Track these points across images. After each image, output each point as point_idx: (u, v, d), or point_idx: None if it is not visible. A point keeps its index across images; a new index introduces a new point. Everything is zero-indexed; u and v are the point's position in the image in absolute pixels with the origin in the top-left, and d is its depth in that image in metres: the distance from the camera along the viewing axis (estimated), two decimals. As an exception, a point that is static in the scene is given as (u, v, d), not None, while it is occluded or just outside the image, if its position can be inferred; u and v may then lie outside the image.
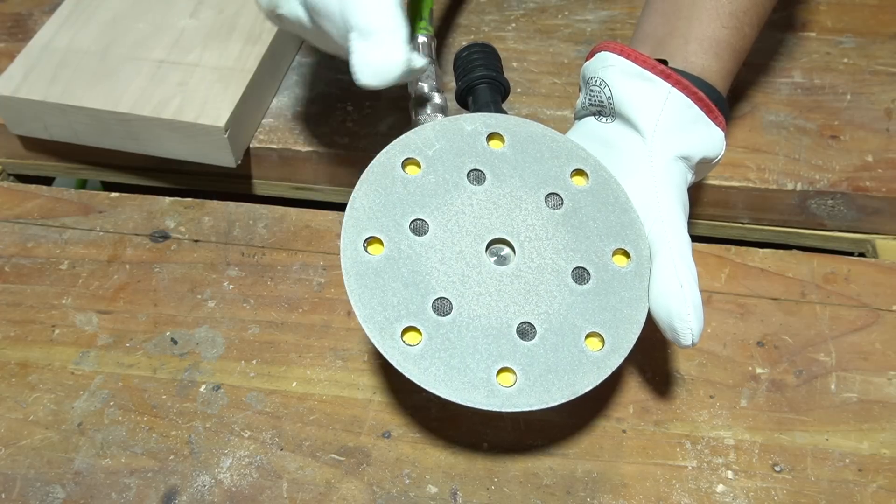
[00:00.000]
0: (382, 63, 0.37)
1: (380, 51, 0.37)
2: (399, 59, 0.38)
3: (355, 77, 0.38)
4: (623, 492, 0.43)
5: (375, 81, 0.38)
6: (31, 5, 0.69)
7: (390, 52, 0.37)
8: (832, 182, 0.56)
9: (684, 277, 0.38)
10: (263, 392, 0.46)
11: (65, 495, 0.42)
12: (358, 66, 0.38)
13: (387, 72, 0.38)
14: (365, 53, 0.38)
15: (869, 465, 0.44)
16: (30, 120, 0.57)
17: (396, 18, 0.38)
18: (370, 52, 0.37)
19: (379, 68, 0.38)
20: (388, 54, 0.37)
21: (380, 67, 0.38)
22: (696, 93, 0.43)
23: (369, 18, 0.37)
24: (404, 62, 0.38)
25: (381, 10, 0.37)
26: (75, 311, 0.50)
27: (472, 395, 0.36)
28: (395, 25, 0.37)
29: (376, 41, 0.37)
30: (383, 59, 0.37)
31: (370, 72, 0.38)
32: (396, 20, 0.38)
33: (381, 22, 0.37)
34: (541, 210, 0.41)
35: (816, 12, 0.68)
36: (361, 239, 0.38)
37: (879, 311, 0.50)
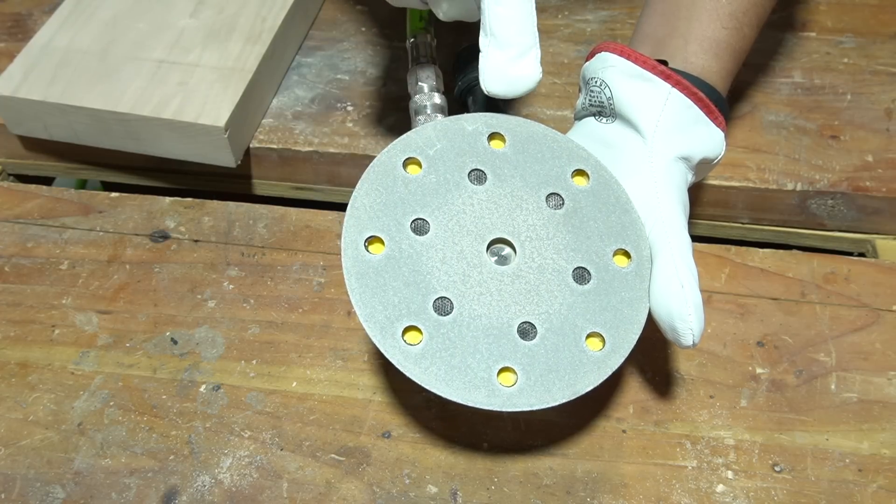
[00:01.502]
0: (518, 76, 0.39)
1: (518, 64, 0.39)
2: (534, 75, 0.39)
3: (485, 83, 0.40)
4: (623, 492, 0.43)
5: (506, 91, 0.40)
6: (31, 5, 0.69)
7: (527, 68, 0.39)
8: (832, 182, 0.56)
9: (685, 278, 0.38)
10: (263, 392, 0.46)
11: (65, 495, 0.42)
12: (492, 74, 0.40)
13: (520, 84, 0.39)
14: (501, 64, 0.39)
15: (869, 465, 0.44)
16: (30, 120, 0.57)
17: (534, 35, 0.39)
18: (507, 65, 0.39)
19: (513, 81, 0.39)
20: (525, 69, 0.39)
21: (514, 80, 0.39)
22: (697, 93, 0.43)
23: (510, 32, 0.39)
24: (537, 79, 0.40)
25: (523, 27, 0.39)
26: (75, 311, 0.50)
27: (472, 394, 0.36)
28: (533, 41, 0.39)
29: (514, 54, 0.39)
30: (519, 73, 0.39)
31: (504, 82, 0.39)
32: (535, 37, 0.39)
33: (523, 38, 0.39)
34: (542, 210, 0.41)
35: (816, 12, 0.68)
36: (362, 238, 0.38)
37: (879, 311, 0.50)
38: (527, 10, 0.39)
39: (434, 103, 0.48)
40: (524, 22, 0.39)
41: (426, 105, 0.47)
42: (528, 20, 0.39)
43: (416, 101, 0.48)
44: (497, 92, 0.40)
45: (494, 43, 0.39)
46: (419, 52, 0.50)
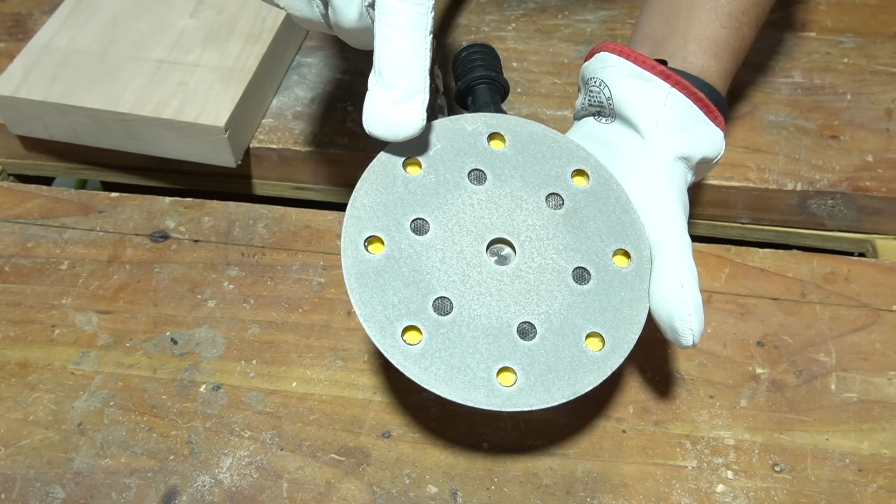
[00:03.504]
0: (399, 121, 0.38)
1: (400, 108, 0.38)
2: (416, 122, 0.38)
3: (366, 123, 0.38)
4: (623, 492, 0.43)
5: (386, 134, 0.38)
6: (31, 5, 0.69)
7: (410, 113, 0.38)
8: (832, 182, 0.56)
9: (685, 278, 0.38)
10: (263, 392, 0.46)
11: (65, 495, 0.42)
12: (373, 114, 0.38)
13: (400, 129, 0.38)
14: (385, 105, 0.38)
15: (869, 465, 0.44)
16: (30, 120, 0.57)
17: (424, 81, 0.38)
18: (390, 107, 0.38)
19: (394, 124, 0.38)
20: (408, 114, 0.38)
21: (395, 124, 0.38)
22: (696, 93, 0.43)
23: (398, 73, 0.37)
24: (419, 127, 0.38)
25: (412, 70, 0.37)
26: (75, 311, 0.50)
27: (472, 394, 0.36)
28: (421, 87, 0.38)
29: (398, 98, 0.38)
30: (402, 117, 0.38)
31: (385, 125, 0.38)
32: (423, 84, 0.38)
33: (410, 82, 0.37)
34: (541, 210, 0.41)
35: (816, 12, 0.68)
36: (362, 238, 0.38)
37: (879, 311, 0.50)
38: (418, 52, 0.37)
39: (435, 103, 0.47)
40: (413, 65, 0.37)
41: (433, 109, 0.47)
42: (419, 63, 0.37)
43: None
44: (377, 134, 0.38)
45: (381, 83, 0.38)
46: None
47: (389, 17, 0.37)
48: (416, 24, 0.37)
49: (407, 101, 0.38)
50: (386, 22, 0.37)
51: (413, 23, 0.37)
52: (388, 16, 0.37)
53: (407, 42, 0.37)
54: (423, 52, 0.38)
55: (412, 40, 0.37)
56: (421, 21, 0.37)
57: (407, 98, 0.37)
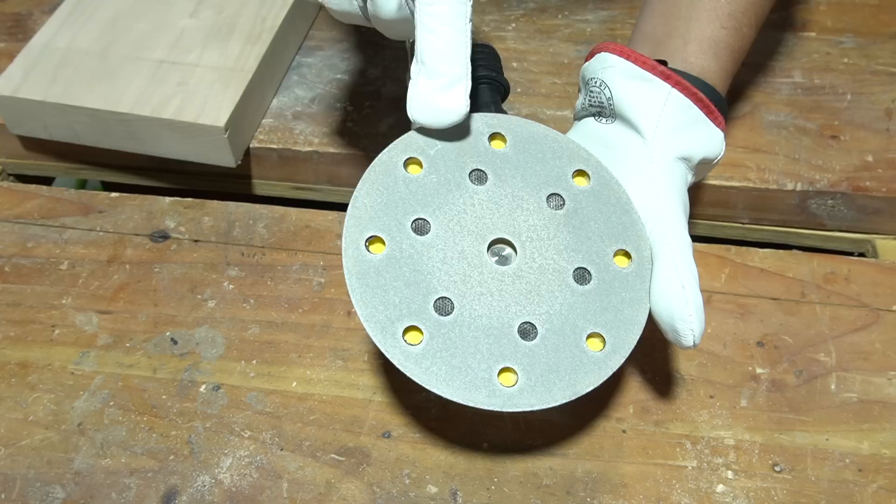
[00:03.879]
0: (444, 108, 0.39)
1: (444, 95, 0.38)
2: (460, 109, 0.39)
3: (411, 111, 0.39)
4: (623, 492, 0.43)
5: (430, 121, 0.39)
6: (31, 5, 0.69)
7: (454, 100, 0.39)
8: (832, 182, 0.56)
9: (685, 278, 0.38)
10: (263, 392, 0.46)
11: (65, 495, 0.42)
12: (417, 102, 0.39)
13: (445, 116, 0.39)
14: (428, 93, 0.38)
15: (869, 465, 0.44)
16: (30, 120, 0.57)
17: (466, 68, 0.38)
18: (434, 94, 0.38)
19: (438, 111, 0.39)
20: (452, 101, 0.39)
21: (439, 111, 0.39)
22: (696, 93, 0.43)
23: (441, 61, 0.38)
24: (463, 113, 0.39)
25: (454, 58, 0.38)
26: (75, 311, 0.50)
27: (473, 394, 0.36)
28: (463, 74, 0.38)
29: (442, 85, 0.38)
30: (446, 105, 0.38)
31: (429, 112, 0.39)
32: (466, 70, 0.38)
33: (452, 69, 0.38)
34: (542, 210, 0.41)
35: (816, 12, 0.68)
36: (363, 238, 0.38)
37: (879, 311, 0.50)
38: (460, 41, 0.38)
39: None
40: (456, 53, 0.38)
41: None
42: (460, 51, 0.38)
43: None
44: (421, 121, 0.39)
45: (424, 71, 0.38)
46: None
47: (431, 7, 0.38)
48: (457, 12, 0.38)
49: (451, 89, 0.38)
50: (427, 12, 0.38)
51: (454, 11, 0.38)
52: (429, 5, 0.38)
53: (448, 30, 0.38)
54: (465, 39, 0.38)
55: (453, 28, 0.38)
56: (461, 9, 0.38)
57: (451, 85, 0.38)
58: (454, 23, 0.38)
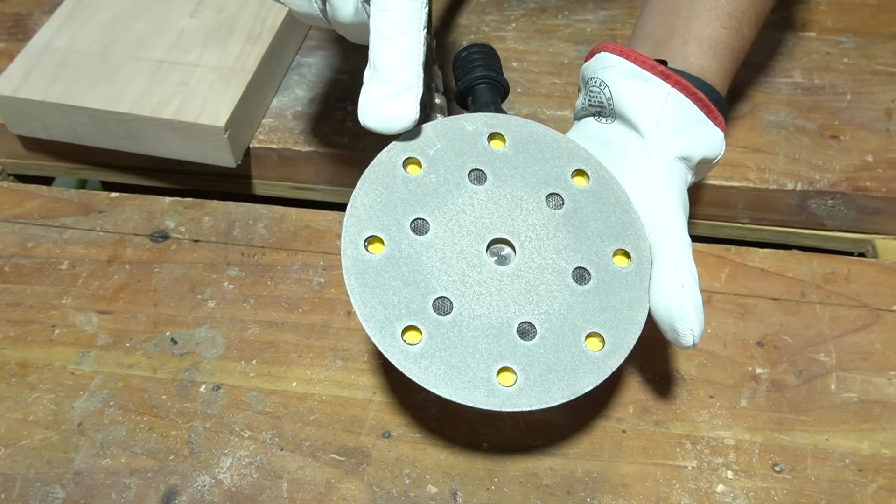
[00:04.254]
0: (393, 114, 0.39)
1: (394, 102, 0.39)
2: (409, 116, 0.39)
3: (361, 116, 0.39)
4: (623, 492, 0.43)
5: (380, 127, 0.39)
6: (31, 5, 0.69)
7: (403, 107, 0.39)
8: (832, 182, 0.56)
9: (685, 278, 0.38)
10: (263, 392, 0.46)
11: (65, 495, 0.42)
12: (368, 107, 0.39)
13: (394, 123, 0.39)
14: (379, 99, 0.39)
15: (869, 465, 0.44)
16: (30, 120, 0.57)
17: (417, 76, 0.39)
18: (384, 101, 0.39)
19: (388, 118, 0.39)
20: (401, 108, 0.39)
21: (388, 117, 0.39)
22: (696, 93, 0.43)
23: (392, 68, 0.38)
24: (413, 120, 0.39)
25: (406, 65, 0.38)
26: (75, 311, 0.50)
27: (472, 394, 0.36)
28: (414, 81, 0.39)
29: (392, 91, 0.38)
30: (395, 111, 0.39)
31: (379, 118, 0.39)
32: (417, 78, 0.39)
33: (403, 76, 0.38)
34: (542, 210, 0.41)
35: (816, 12, 0.68)
36: (362, 238, 0.38)
37: (879, 311, 0.50)
38: (412, 47, 0.38)
39: (434, 103, 0.47)
40: (407, 60, 0.38)
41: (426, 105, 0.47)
42: (412, 58, 0.38)
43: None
44: (371, 126, 0.39)
45: (375, 77, 0.39)
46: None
47: (384, 13, 0.38)
48: (410, 19, 0.38)
49: (401, 95, 0.38)
50: (381, 17, 0.38)
51: (407, 18, 0.38)
52: (382, 11, 0.38)
53: (401, 37, 0.38)
54: (417, 47, 0.38)
55: (406, 35, 0.38)
56: (415, 17, 0.38)
57: (401, 92, 0.38)
58: (407, 29, 0.38)
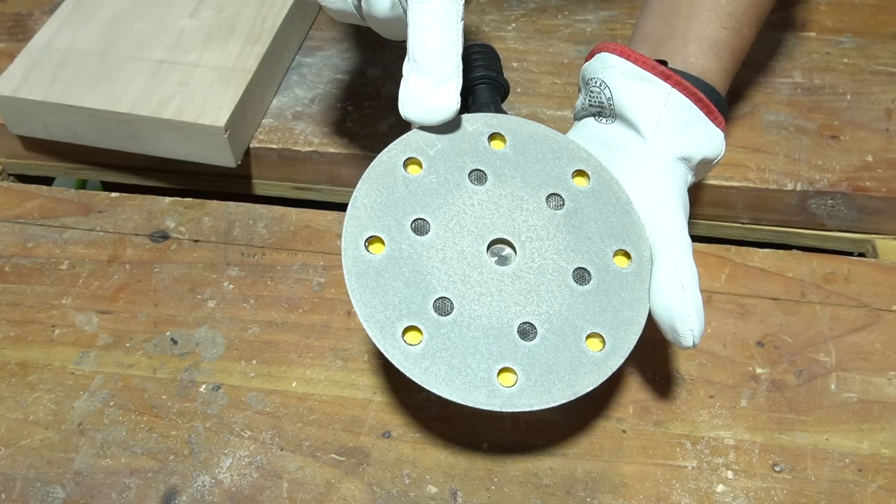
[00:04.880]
0: (435, 105, 0.39)
1: (435, 93, 0.39)
2: (450, 106, 0.39)
3: (402, 108, 0.40)
4: (623, 492, 0.43)
5: (422, 118, 0.40)
6: (31, 5, 0.69)
7: (444, 97, 0.39)
8: (832, 182, 0.56)
9: (685, 279, 0.38)
10: (263, 392, 0.46)
11: (65, 495, 0.42)
12: (409, 99, 0.40)
13: (436, 114, 0.40)
14: (420, 91, 0.39)
15: (869, 465, 0.44)
16: (30, 120, 0.57)
17: (457, 66, 0.39)
18: (425, 92, 0.39)
19: (429, 109, 0.39)
20: (442, 99, 0.39)
21: (430, 108, 0.39)
22: (696, 93, 0.43)
23: (432, 60, 0.39)
24: (454, 110, 0.40)
25: (446, 56, 0.39)
26: (75, 311, 0.50)
27: (472, 394, 0.36)
28: (454, 72, 0.39)
29: (433, 83, 0.39)
30: (437, 102, 0.39)
31: (421, 109, 0.40)
32: (457, 68, 0.39)
33: (443, 67, 0.39)
34: (542, 210, 0.41)
35: (816, 12, 0.68)
36: (363, 238, 0.38)
37: (879, 311, 0.50)
38: (451, 39, 0.39)
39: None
40: (447, 51, 0.39)
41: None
42: (452, 49, 0.39)
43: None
44: (413, 118, 0.40)
45: (415, 69, 0.39)
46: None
47: (422, 6, 0.38)
48: (448, 10, 0.38)
49: (442, 86, 0.39)
50: (419, 10, 0.38)
51: (445, 10, 0.38)
52: (421, 4, 0.38)
53: (440, 29, 0.38)
54: (456, 38, 0.39)
55: (445, 27, 0.38)
56: (452, 8, 0.38)
57: (441, 83, 0.39)
58: (446, 21, 0.38)
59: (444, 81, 0.39)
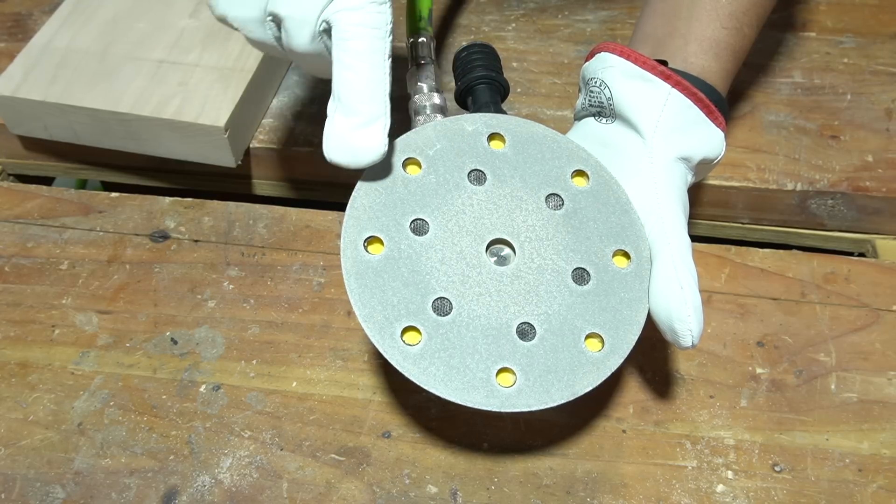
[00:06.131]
0: (360, 147, 0.37)
1: (361, 134, 0.37)
2: (378, 148, 0.37)
3: (326, 150, 0.38)
4: (623, 492, 0.43)
5: (346, 161, 0.38)
6: (31, 5, 0.69)
7: (371, 139, 0.37)
8: (832, 182, 0.56)
9: (684, 279, 0.38)
10: (263, 392, 0.46)
11: (65, 495, 0.42)
12: (333, 140, 0.37)
13: (361, 156, 0.37)
14: (345, 131, 0.37)
15: (869, 465, 0.44)
16: (30, 120, 0.57)
17: (385, 106, 0.37)
18: (351, 133, 0.37)
19: (355, 151, 0.37)
20: (369, 140, 0.37)
21: (355, 150, 0.37)
22: (696, 93, 0.43)
23: (358, 99, 0.37)
24: (382, 152, 0.38)
25: (372, 95, 0.37)
26: (75, 311, 0.50)
27: (471, 395, 0.36)
28: (382, 112, 0.37)
29: (358, 123, 0.37)
30: (362, 143, 0.37)
31: (345, 151, 0.37)
32: (384, 108, 0.37)
33: (370, 107, 0.37)
34: (541, 210, 0.41)
35: (816, 12, 0.68)
36: (362, 238, 0.38)
37: (879, 311, 0.50)
38: (378, 77, 0.37)
39: (434, 103, 0.47)
40: (373, 90, 0.37)
41: (426, 105, 0.47)
42: (378, 88, 0.37)
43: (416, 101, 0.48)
44: (337, 160, 0.38)
45: (340, 108, 0.37)
46: (419, 52, 0.50)
47: (347, 43, 0.37)
48: (375, 48, 0.37)
49: (368, 127, 0.37)
50: (344, 47, 0.37)
51: (371, 47, 0.37)
52: (345, 41, 0.37)
53: (365, 67, 0.37)
54: (383, 76, 0.37)
55: (371, 65, 0.37)
56: (379, 45, 0.37)
57: (368, 123, 0.37)
58: (371, 59, 0.37)
59: (371, 122, 0.37)
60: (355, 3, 0.37)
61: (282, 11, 0.38)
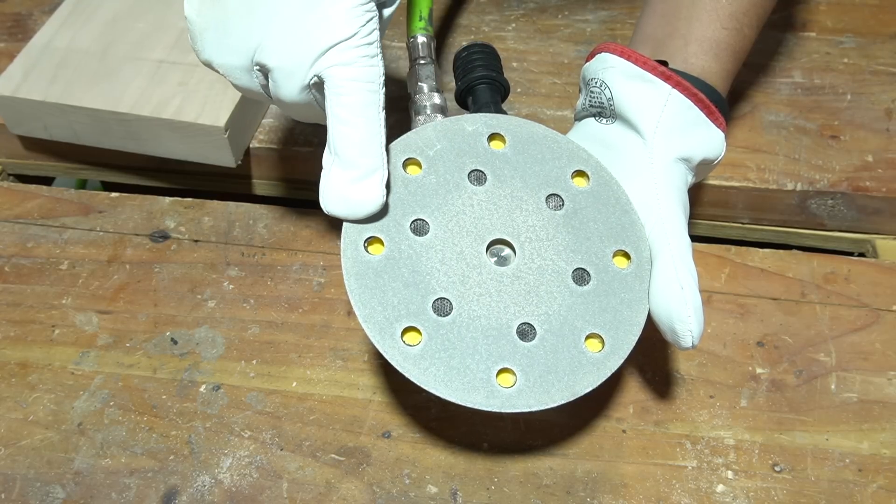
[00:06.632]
0: (358, 200, 0.38)
1: (359, 187, 0.37)
2: (376, 200, 0.38)
3: (324, 203, 0.38)
4: (623, 492, 0.43)
5: (345, 213, 0.38)
6: (31, 5, 0.69)
7: (369, 191, 0.38)
8: (832, 182, 0.56)
9: (684, 279, 0.38)
10: (263, 392, 0.46)
11: (65, 495, 0.42)
12: (331, 194, 0.38)
13: (360, 208, 0.38)
14: (342, 185, 0.38)
15: (869, 465, 0.44)
16: (30, 120, 0.57)
17: (381, 158, 0.38)
18: (348, 186, 0.37)
19: (353, 203, 0.38)
20: (367, 193, 0.38)
21: (354, 203, 0.38)
22: (697, 94, 0.43)
23: (355, 153, 0.37)
24: (380, 203, 0.38)
25: (368, 148, 0.37)
26: (75, 311, 0.50)
27: (471, 395, 0.36)
28: (379, 164, 0.38)
29: (356, 176, 0.37)
30: (361, 196, 0.38)
31: (343, 204, 0.38)
32: (381, 160, 0.38)
33: (367, 160, 0.37)
34: (541, 211, 0.41)
35: (816, 12, 0.68)
36: (362, 239, 0.38)
37: (879, 311, 0.50)
38: (373, 130, 0.37)
39: (434, 103, 0.47)
40: (369, 143, 0.37)
41: (426, 105, 0.47)
42: (374, 141, 0.37)
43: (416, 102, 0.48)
44: (335, 213, 0.38)
45: (338, 162, 0.37)
46: (419, 52, 0.50)
47: (341, 98, 0.37)
48: (369, 102, 0.37)
49: (365, 180, 0.37)
50: (338, 102, 0.37)
51: (365, 101, 0.37)
52: (339, 96, 0.37)
53: (361, 121, 0.37)
54: (378, 129, 0.38)
55: (366, 119, 0.37)
56: (373, 99, 0.37)
57: (365, 176, 0.37)
58: (366, 112, 0.37)
59: (368, 174, 0.37)
60: (347, 57, 0.37)
61: (270, 63, 0.38)
